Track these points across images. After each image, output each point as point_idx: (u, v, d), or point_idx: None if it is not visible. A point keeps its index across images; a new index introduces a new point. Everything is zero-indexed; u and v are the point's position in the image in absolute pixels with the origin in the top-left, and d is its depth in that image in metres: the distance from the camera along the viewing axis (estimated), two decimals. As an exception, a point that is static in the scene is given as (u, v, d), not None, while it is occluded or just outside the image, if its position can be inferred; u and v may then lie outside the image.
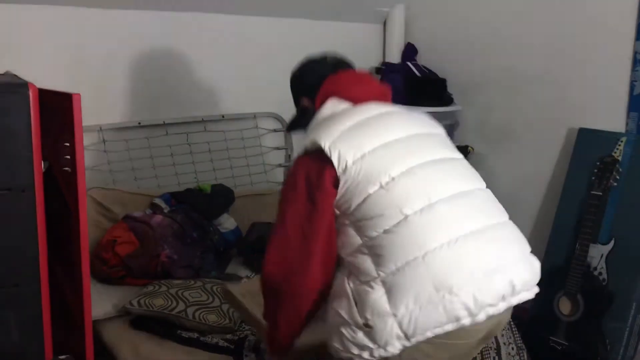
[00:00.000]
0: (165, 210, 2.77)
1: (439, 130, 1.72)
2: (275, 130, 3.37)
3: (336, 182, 1.45)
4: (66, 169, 1.83)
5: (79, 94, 1.72)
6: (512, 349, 2.42)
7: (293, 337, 1.57)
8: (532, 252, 1.55)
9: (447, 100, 3.41)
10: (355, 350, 1.43)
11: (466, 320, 1.38)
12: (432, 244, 1.38)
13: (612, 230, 2.75)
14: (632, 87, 2.82)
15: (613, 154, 2.77)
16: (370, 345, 1.40)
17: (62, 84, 1.96)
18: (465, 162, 1.65)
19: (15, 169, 1.64)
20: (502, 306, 1.41)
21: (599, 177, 2.72)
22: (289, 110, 1.87)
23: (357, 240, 1.46)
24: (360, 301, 1.42)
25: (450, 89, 3.44)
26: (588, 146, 2.90)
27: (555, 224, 2.97)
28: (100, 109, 2.77)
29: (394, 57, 3.61)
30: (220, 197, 2.96)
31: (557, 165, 3.11)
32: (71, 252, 1.89)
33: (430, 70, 3.51)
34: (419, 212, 1.41)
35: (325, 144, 1.46)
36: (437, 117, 3.36)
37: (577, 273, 2.68)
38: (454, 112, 3.48)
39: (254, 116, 3.28)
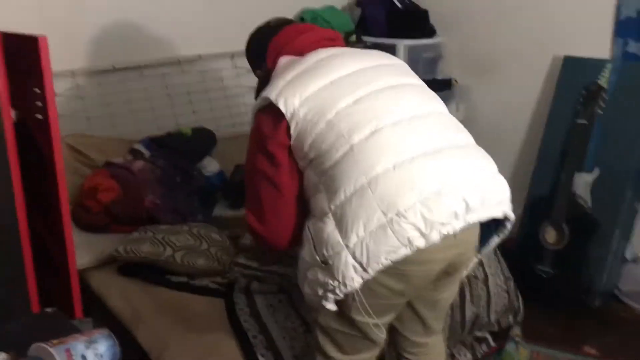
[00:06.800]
0: (146, 156, 2.71)
1: (393, 61, 1.70)
2: (254, 69, 3.28)
3: (288, 129, 1.48)
4: (38, 116, 1.76)
5: (45, 37, 1.64)
6: (500, 279, 2.45)
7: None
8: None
9: (429, 32, 3.34)
10: (321, 291, 1.41)
11: (419, 242, 1.34)
12: (377, 169, 1.37)
13: (596, 158, 2.75)
14: (618, 12, 2.76)
15: (598, 81, 2.74)
16: (332, 282, 1.38)
17: (27, 27, 1.86)
18: (422, 86, 1.62)
19: (-16, 118, 1.57)
20: (457, 224, 1.37)
21: (584, 106, 2.70)
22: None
23: (315, 179, 1.46)
24: (317, 239, 1.41)
25: (433, 20, 3.36)
26: (573, 74, 2.86)
27: (540, 154, 2.96)
28: (71, 53, 2.66)
29: (375, -12, 3.49)
30: (202, 140, 2.90)
31: (541, 95, 3.08)
32: (51, 202, 1.85)
33: (411, 2, 3.41)
34: (364, 140, 1.41)
35: (272, 95, 1.50)
36: (420, 49, 3.37)
37: (563, 202, 2.69)
38: (436, 45, 3.41)
39: (232, 55, 3.18)
